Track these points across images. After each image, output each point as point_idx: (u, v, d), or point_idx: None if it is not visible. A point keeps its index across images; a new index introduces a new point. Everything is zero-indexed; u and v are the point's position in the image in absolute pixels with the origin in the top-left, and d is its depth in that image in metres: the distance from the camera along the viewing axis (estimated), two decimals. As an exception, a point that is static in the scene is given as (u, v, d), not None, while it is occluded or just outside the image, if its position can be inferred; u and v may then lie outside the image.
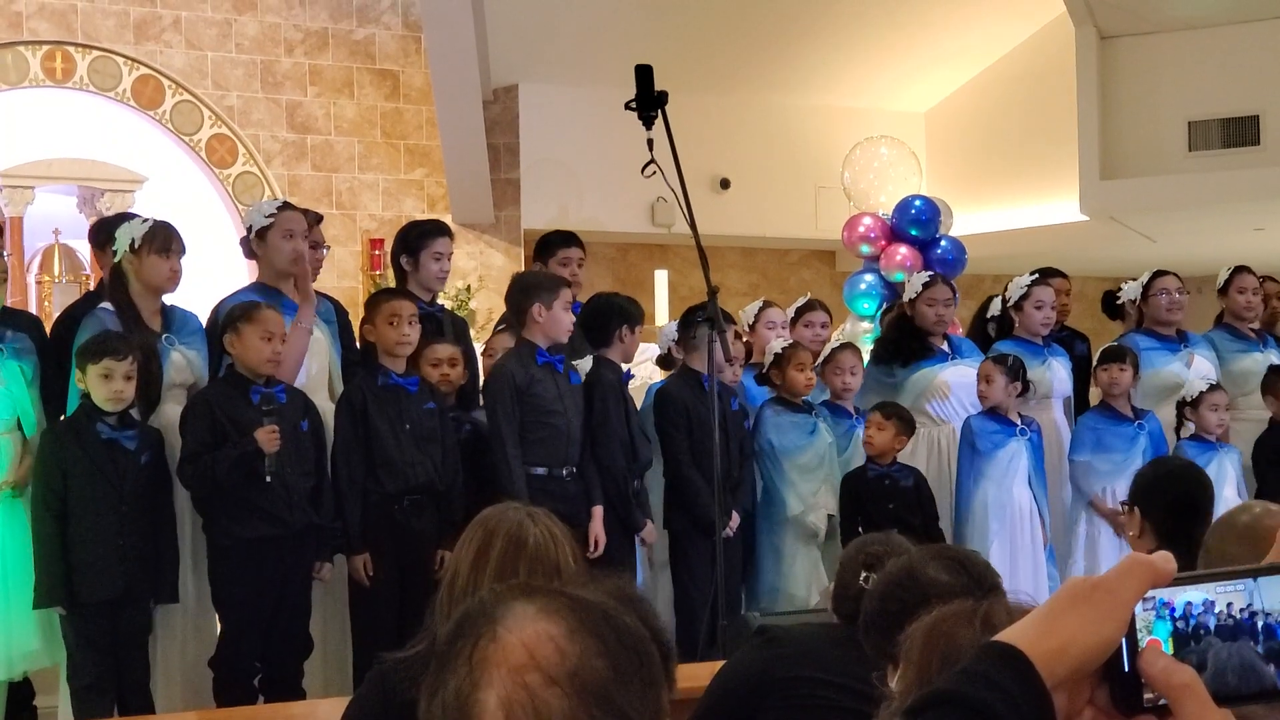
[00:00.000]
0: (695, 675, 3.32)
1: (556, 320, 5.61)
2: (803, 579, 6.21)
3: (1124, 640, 1.05)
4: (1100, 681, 1.07)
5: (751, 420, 6.37)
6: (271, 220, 5.52)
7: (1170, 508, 3.66)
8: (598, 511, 5.69)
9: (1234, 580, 1.07)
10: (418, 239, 5.95)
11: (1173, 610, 1.07)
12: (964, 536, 6.23)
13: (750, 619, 4.55)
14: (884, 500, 6.01)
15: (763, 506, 6.37)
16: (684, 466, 6.00)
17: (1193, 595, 1.07)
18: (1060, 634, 1.05)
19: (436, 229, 6.05)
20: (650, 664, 1.28)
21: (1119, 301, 7.36)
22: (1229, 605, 1.06)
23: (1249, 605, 1.06)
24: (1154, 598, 1.07)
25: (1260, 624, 1.05)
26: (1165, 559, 1.08)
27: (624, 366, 6.16)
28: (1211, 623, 1.06)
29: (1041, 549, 6.40)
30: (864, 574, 2.99)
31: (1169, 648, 1.06)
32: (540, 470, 5.56)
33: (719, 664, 3.42)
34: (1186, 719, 1.03)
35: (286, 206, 5.72)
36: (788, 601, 6.13)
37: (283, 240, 5.52)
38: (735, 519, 6.04)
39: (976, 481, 6.33)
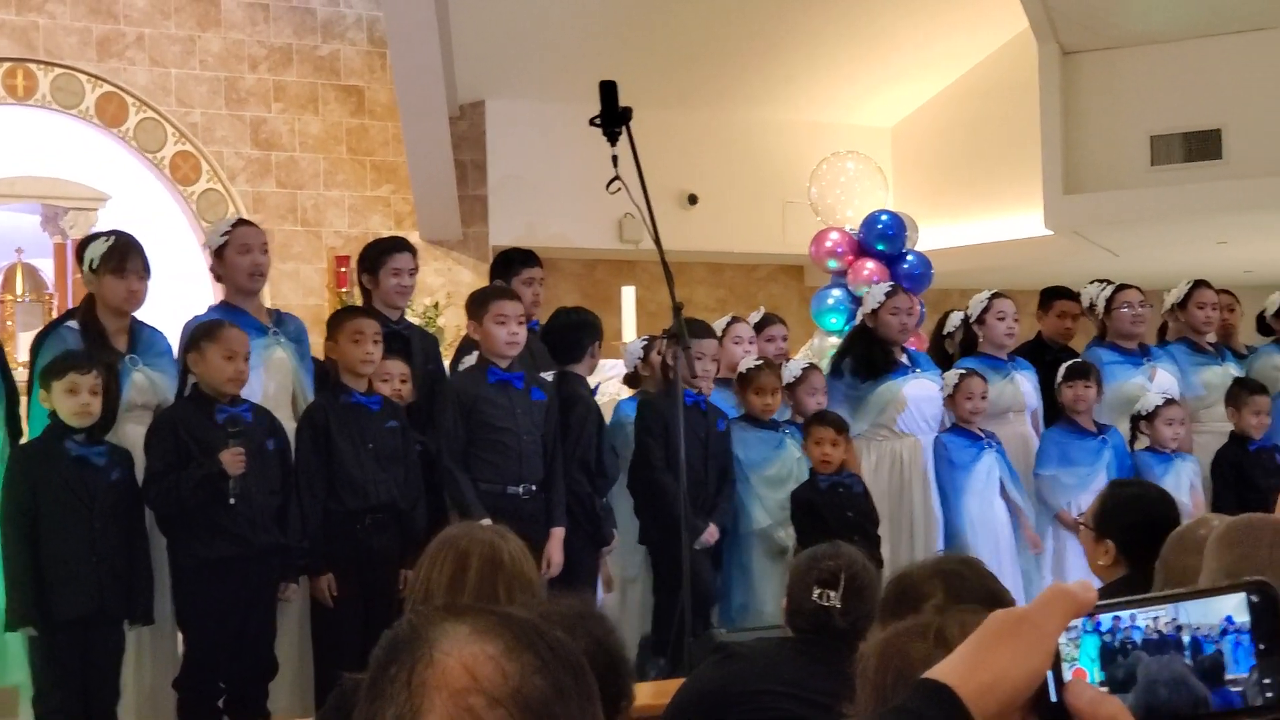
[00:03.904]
0: (667, 691, 3.32)
1: (488, 335, 5.56)
2: (770, 595, 6.18)
3: (1050, 672, 1.06)
4: (1029, 714, 1.07)
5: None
6: (227, 238, 5.53)
7: (1133, 531, 3.60)
8: (557, 533, 5.59)
9: (1159, 605, 1.07)
10: (375, 256, 5.93)
11: (1099, 625, 1.07)
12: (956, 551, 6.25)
13: (715, 636, 4.54)
14: (843, 509, 5.99)
15: (729, 523, 6.34)
16: (658, 472, 5.91)
17: (1118, 614, 1.07)
18: (989, 668, 1.06)
19: (394, 245, 6.04)
20: (585, 677, 1.27)
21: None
22: (1154, 619, 1.07)
23: (1174, 619, 1.06)
24: (1077, 626, 1.07)
25: (1188, 638, 1.06)
26: (1085, 588, 1.08)
27: (591, 382, 6.14)
28: (1138, 636, 1.06)
29: (1016, 557, 6.43)
30: (818, 590, 2.99)
31: (1097, 663, 1.07)
32: (489, 487, 5.49)
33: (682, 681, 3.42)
34: None
35: (241, 223, 5.74)
36: (756, 618, 6.11)
37: (239, 256, 5.52)
38: (714, 530, 6.00)
39: (960, 496, 6.39)
